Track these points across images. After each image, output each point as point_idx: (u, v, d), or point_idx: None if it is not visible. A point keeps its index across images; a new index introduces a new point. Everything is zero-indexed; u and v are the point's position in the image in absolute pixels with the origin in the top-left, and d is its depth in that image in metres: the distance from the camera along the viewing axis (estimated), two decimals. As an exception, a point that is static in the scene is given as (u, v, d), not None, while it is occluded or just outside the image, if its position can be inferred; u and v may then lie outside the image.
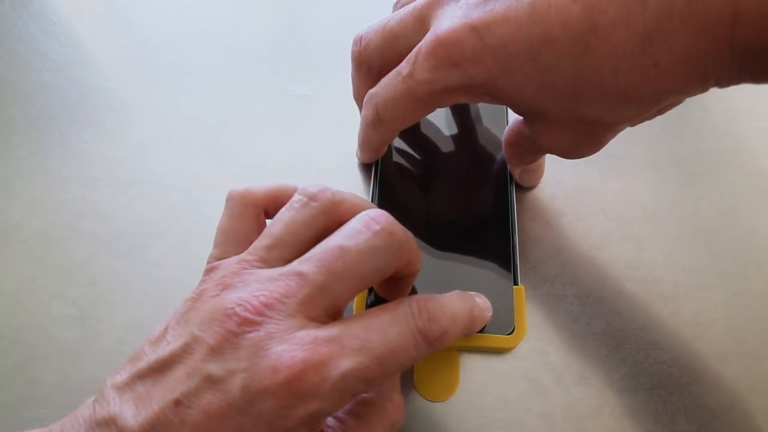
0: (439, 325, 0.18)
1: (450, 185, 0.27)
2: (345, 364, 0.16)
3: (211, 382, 0.16)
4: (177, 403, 0.16)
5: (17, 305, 0.25)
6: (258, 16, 0.37)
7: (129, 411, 0.16)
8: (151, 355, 0.17)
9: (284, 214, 0.19)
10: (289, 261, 0.18)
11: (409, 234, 0.19)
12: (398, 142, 0.29)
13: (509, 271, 0.25)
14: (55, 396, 0.23)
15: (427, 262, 0.25)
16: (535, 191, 0.28)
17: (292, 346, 0.16)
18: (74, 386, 0.23)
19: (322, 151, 0.30)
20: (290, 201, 0.19)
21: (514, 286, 0.24)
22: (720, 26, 0.16)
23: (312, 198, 0.19)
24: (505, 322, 0.23)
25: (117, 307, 0.25)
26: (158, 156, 0.30)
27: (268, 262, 0.18)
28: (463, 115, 0.30)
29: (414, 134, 0.29)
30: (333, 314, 0.18)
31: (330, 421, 0.18)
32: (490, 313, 0.22)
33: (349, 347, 0.16)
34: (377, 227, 0.17)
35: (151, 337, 0.18)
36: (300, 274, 0.17)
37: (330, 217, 0.19)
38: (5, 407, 0.23)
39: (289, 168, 0.29)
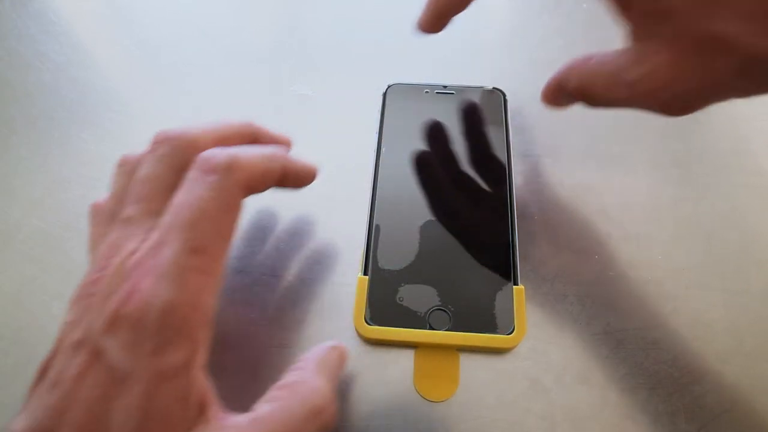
0: (220, 156, 0.17)
1: (450, 185, 0.27)
2: (166, 253, 0.16)
3: (75, 346, 0.16)
4: (53, 386, 0.16)
5: (17, 305, 0.25)
6: (258, 16, 0.37)
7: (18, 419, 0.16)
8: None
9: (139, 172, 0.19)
10: (156, 211, 0.18)
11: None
12: (397, 141, 0.29)
13: (509, 271, 0.25)
14: (55, 396, 0.23)
15: (427, 261, 0.25)
16: (535, 191, 0.28)
17: (125, 270, 0.16)
18: (74, 386, 0.23)
19: (322, 151, 0.30)
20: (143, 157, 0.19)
21: (514, 286, 0.24)
22: None
23: (159, 144, 0.19)
24: (505, 322, 0.23)
25: (117, 307, 0.25)
26: (158, 156, 0.30)
27: (135, 222, 0.18)
28: (463, 114, 0.30)
29: (414, 133, 0.29)
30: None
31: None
32: (316, 169, 0.23)
33: (162, 238, 0.16)
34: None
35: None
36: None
37: (185, 156, 0.18)
38: (5, 407, 0.23)
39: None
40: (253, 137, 0.22)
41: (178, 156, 0.18)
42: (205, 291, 0.16)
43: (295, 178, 0.22)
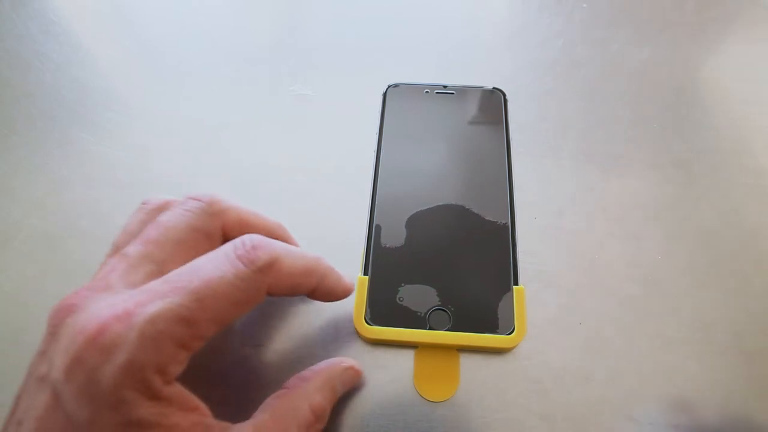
0: (265, 251, 0.17)
1: (450, 184, 0.27)
2: (152, 308, 0.14)
3: (40, 382, 0.15)
4: (18, 423, 0.15)
5: (17, 305, 0.25)
6: (258, 16, 0.37)
7: None
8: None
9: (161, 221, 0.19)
10: (155, 258, 0.18)
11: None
12: (397, 141, 0.29)
13: (509, 271, 0.25)
14: (55, 396, 0.23)
15: (427, 261, 0.25)
16: (535, 191, 0.28)
17: (100, 308, 0.15)
18: (74, 386, 0.23)
19: (322, 151, 0.30)
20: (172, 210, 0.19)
21: (514, 286, 0.24)
22: None
23: (191, 200, 0.19)
24: (505, 322, 0.23)
25: (117, 307, 0.25)
26: (158, 156, 0.30)
27: (129, 260, 0.18)
28: (463, 114, 0.30)
29: (414, 133, 0.29)
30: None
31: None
32: (351, 289, 0.22)
33: (159, 291, 0.15)
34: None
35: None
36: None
37: (208, 221, 0.19)
38: (5, 407, 0.23)
39: (289, 168, 0.29)
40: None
41: (202, 218, 0.18)
42: (174, 361, 0.15)
43: (326, 294, 0.21)
